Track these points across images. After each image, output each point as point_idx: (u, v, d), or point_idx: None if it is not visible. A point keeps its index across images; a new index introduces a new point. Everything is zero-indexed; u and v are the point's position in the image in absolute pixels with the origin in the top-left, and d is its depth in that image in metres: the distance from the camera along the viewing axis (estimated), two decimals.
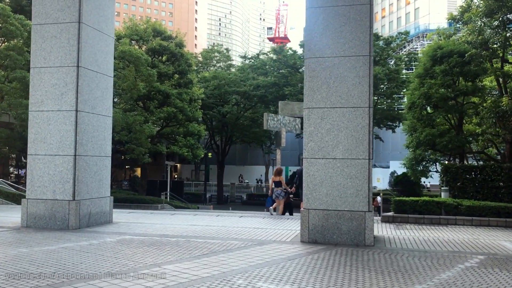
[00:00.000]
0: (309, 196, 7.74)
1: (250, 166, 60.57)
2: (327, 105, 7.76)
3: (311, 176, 7.74)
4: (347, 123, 7.66)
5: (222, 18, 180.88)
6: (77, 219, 8.79)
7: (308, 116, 7.83)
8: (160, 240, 7.59)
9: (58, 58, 9.00)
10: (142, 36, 26.28)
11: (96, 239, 7.56)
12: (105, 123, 9.77)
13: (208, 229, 9.07)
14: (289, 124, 18.31)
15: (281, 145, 15.74)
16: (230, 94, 37.05)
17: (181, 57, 26.84)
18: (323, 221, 7.63)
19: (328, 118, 7.74)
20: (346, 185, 7.58)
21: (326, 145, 7.72)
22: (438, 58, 15.32)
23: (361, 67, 7.67)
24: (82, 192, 8.92)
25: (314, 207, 7.69)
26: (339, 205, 7.59)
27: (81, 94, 8.93)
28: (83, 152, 8.96)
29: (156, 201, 24.79)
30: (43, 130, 8.99)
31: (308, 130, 7.81)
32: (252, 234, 8.49)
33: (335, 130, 7.70)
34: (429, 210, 11.09)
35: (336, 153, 7.67)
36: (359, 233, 7.48)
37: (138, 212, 12.93)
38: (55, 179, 8.85)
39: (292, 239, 7.90)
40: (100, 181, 9.57)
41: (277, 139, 17.34)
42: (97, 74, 9.46)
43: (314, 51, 7.87)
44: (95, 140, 9.38)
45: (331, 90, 7.76)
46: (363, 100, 7.63)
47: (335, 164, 7.65)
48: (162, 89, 24.94)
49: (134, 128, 22.86)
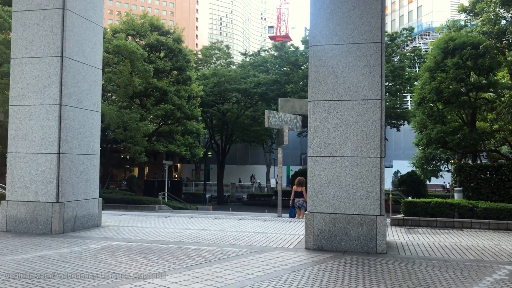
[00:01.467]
0: (314, 199, 7.05)
1: (251, 165, 59.93)
2: (334, 97, 7.07)
3: (317, 176, 7.05)
4: (357, 117, 6.97)
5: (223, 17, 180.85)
6: (61, 223, 8.12)
7: (313, 109, 7.14)
8: (150, 247, 6.91)
9: (40, 48, 8.32)
10: (139, 31, 25.54)
11: (79, 246, 6.89)
12: (93, 118, 9.09)
13: (203, 233, 8.39)
14: (290, 122, 17.67)
15: (283, 143, 15.07)
16: (230, 91, 36.29)
17: (179, 53, 26.10)
18: (330, 226, 6.94)
19: (335, 111, 7.05)
20: (355, 186, 6.90)
21: (333, 141, 7.03)
22: (450, 51, 14.55)
23: (372, 55, 6.98)
24: (66, 193, 8.25)
25: (320, 210, 7.00)
26: (347, 208, 6.91)
27: (65, 87, 8.25)
28: (68, 150, 8.29)
29: (153, 202, 24.12)
30: (24, 126, 8.33)
31: (313, 125, 7.12)
32: (252, 239, 7.81)
33: (343, 125, 7.01)
34: (442, 212, 10.41)
35: (344, 150, 6.98)
36: (370, 239, 6.80)
37: (131, 214, 12.26)
38: (37, 179, 8.18)
39: (295, 246, 7.22)
40: (88, 182, 8.89)
41: (279, 137, 16.68)
42: (83, 65, 8.78)
43: (320, 38, 7.18)
44: (82, 137, 8.71)
45: (339, 81, 7.07)
46: (374, 92, 6.94)
47: (343, 163, 6.96)
48: (159, 86, 24.21)
49: (129, 126, 22.15)
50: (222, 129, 40.94)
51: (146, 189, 29.22)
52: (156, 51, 26.39)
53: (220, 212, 23.88)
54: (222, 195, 42.98)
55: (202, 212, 23.13)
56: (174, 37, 26.68)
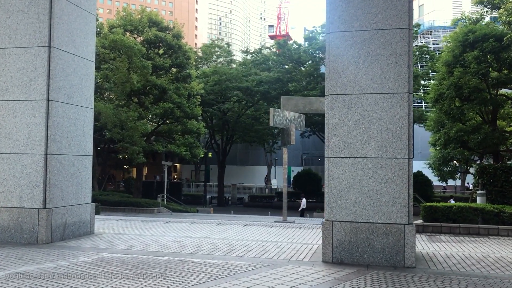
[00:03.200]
0: (332, 205, 6.28)
1: (251, 166, 59.18)
2: (355, 90, 6.30)
3: (335, 179, 6.28)
4: (381, 113, 6.21)
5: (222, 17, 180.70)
6: (49, 231, 7.35)
7: (331, 104, 6.37)
8: (147, 260, 6.13)
9: (25, 37, 7.56)
10: (136, 27, 24.71)
11: (66, 259, 6.11)
12: (85, 116, 8.32)
13: (207, 243, 7.62)
14: (294, 121, 16.91)
15: (291, 143, 14.31)
16: (231, 90, 35.47)
17: (178, 49, 25.27)
18: (350, 236, 6.18)
19: (356, 106, 6.28)
20: (379, 191, 6.13)
21: (354, 140, 6.26)
22: (469, 44, 13.74)
23: (398, 43, 6.21)
24: (55, 198, 7.48)
25: (339, 218, 6.24)
26: (371, 216, 6.14)
27: (54, 81, 7.49)
28: (57, 150, 7.52)
29: (151, 204, 23.33)
30: (7, 124, 7.56)
31: (331, 122, 6.35)
32: (261, 250, 7.04)
33: (365, 122, 6.24)
34: (464, 218, 9.65)
35: (367, 150, 6.21)
36: (397, 251, 6.03)
37: (127, 220, 11.49)
38: (22, 183, 7.41)
39: (311, 258, 6.45)
40: (79, 185, 8.12)
41: (284, 137, 15.90)
42: (74, 57, 8.01)
43: (338, 23, 6.41)
44: (72, 136, 7.94)
45: (361, 72, 6.30)
46: (401, 84, 6.18)
47: (366, 165, 6.20)
48: (158, 83, 23.38)
49: (127, 125, 21.35)
50: (222, 129, 40.13)
51: (145, 191, 28.43)
52: (155, 47, 25.59)
53: (222, 215, 23.13)
54: (222, 196, 42.19)
55: (203, 216, 22.38)
56: (173, 33, 25.88)
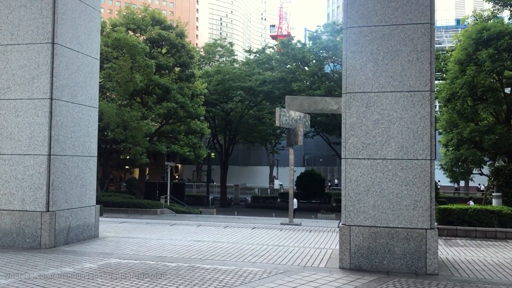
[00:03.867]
0: (350, 209, 6.00)
1: (253, 167, 58.86)
2: (374, 88, 6.03)
3: (353, 182, 6.00)
4: (401, 112, 5.93)
5: (223, 17, 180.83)
6: (52, 235, 7.08)
7: (348, 103, 6.09)
8: (155, 266, 5.86)
9: (28, 33, 7.30)
10: (139, 25, 24.42)
11: (71, 265, 5.84)
12: (89, 115, 8.06)
13: (216, 247, 7.34)
14: (299, 121, 16.65)
15: (298, 143, 14.04)
16: (234, 89, 35.20)
17: (182, 48, 25.00)
18: (369, 242, 5.90)
19: (375, 105, 6.01)
20: (400, 194, 5.85)
21: (373, 141, 5.99)
22: (483, 41, 13.43)
23: (420, 39, 5.94)
24: (59, 201, 7.22)
25: (357, 223, 5.96)
26: (391, 221, 5.86)
27: (57, 79, 7.23)
28: (60, 151, 7.26)
29: (154, 206, 23.06)
30: (9, 124, 7.30)
31: (349, 121, 6.08)
32: (273, 255, 6.76)
33: (385, 122, 5.97)
34: (481, 221, 9.38)
35: (386, 151, 5.93)
36: (419, 257, 5.75)
37: (132, 222, 11.23)
38: (24, 185, 7.15)
39: (327, 264, 6.17)
40: (83, 187, 7.86)
41: (291, 137, 15.64)
42: (78, 54, 7.75)
43: (356, 18, 6.13)
44: (76, 136, 7.68)
45: (380, 69, 6.02)
46: (423, 82, 5.90)
47: (386, 166, 5.92)
48: (161, 83, 23.11)
49: (130, 125, 21.08)
50: (225, 129, 39.86)
51: (147, 192, 28.17)
52: (158, 46, 25.31)
53: (226, 216, 22.87)
54: (225, 197, 41.92)
55: (207, 217, 22.12)
56: (176, 31, 25.60)
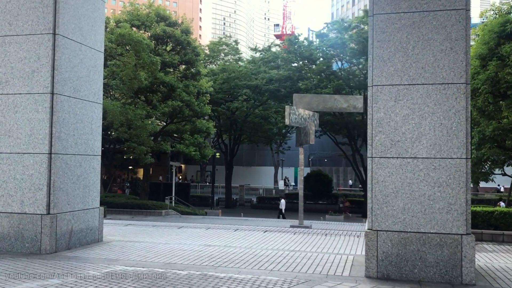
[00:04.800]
0: (377, 212, 5.52)
1: (258, 167, 58.39)
2: (403, 80, 5.55)
3: (381, 183, 5.53)
4: (434, 106, 5.45)
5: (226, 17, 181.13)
6: (53, 239, 6.64)
7: (375, 97, 5.61)
8: (165, 274, 5.40)
9: (28, 23, 6.86)
10: (144, 22, 24.00)
11: (73, 274, 5.40)
12: (93, 111, 7.62)
13: (228, 252, 6.88)
14: (308, 119, 16.18)
15: (309, 142, 13.56)
16: (240, 88, 34.72)
17: (187, 46, 24.56)
18: (399, 248, 5.42)
19: (405, 99, 5.53)
20: (432, 196, 5.37)
21: (402, 138, 5.51)
22: (507, 35, 12.89)
23: (454, 26, 5.46)
24: (60, 203, 6.78)
25: (385, 227, 5.48)
26: (422, 225, 5.38)
27: (59, 72, 6.79)
28: (62, 150, 6.82)
29: (159, 206, 22.63)
30: (7, 120, 6.87)
31: (376, 117, 5.60)
32: (291, 262, 6.28)
33: (415, 117, 5.49)
34: (508, 224, 8.89)
35: (417, 150, 5.46)
36: (453, 266, 5.26)
37: (137, 225, 10.79)
38: (23, 186, 6.71)
39: (351, 273, 5.69)
40: (86, 188, 7.42)
41: (301, 136, 15.16)
42: (81, 46, 7.31)
43: (384, 4, 5.66)
44: (79, 133, 7.24)
45: (410, 60, 5.54)
46: (457, 74, 5.42)
47: (416, 166, 5.44)
48: (166, 81, 22.67)
49: (134, 124, 20.65)
50: (230, 129, 39.40)
51: (152, 192, 27.73)
52: (163, 43, 24.86)
53: (233, 218, 22.41)
54: (230, 198, 41.49)
55: (213, 218, 21.67)
56: (182, 28, 25.15)
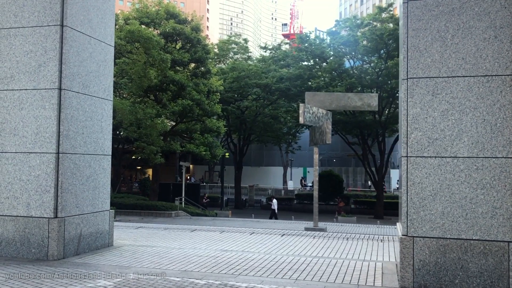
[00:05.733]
0: (413, 217, 5.07)
1: (266, 167, 58.04)
2: (442, 73, 5.09)
3: (417, 185, 5.07)
4: (476, 100, 4.98)
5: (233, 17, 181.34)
6: (61, 244, 6.26)
7: (410, 90, 5.16)
8: (182, 284, 5.00)
9: (34, 15, 6.49)
10: (153, 19, 23.68)
11: (83, 283, 5.01)
12: (103, 108, 7.24)
13: (247, 258, 6.45)
14: (322, 118, 15.73)
15: (326, 142, 13.10)
16: (250, 87, 34.33)
17: (197, 43, 24.18)
18: (437, 256, 4.96)
19: (444, 93, 5.07)
20: (474, 199, 4.91)
21: (441, 136, 5.05)
22: None
23: (498, 13, 4.99)
24: (68, 205, 6.40)
25: (422, 233, 5.02)
26: (463, 231, 4.92)
27: (67, 66, 6.41)
28: (70, 149, 6.44)
29: (169, 208, 22.30)
30: (13, 117, 6.50)
31: (411, 112, 5.15)
32: (316, 269, 5.84)
33: (455, 112, 5.03)
34: None
35: (457, 148, 5.00)
36: (499, 276, 4.80)
37: (148, 227, 10.41)
38: (29, 188, 6.34)
39: (384, 282, 5.25)
40: (96, 190, 7.04)
41: (316, 135, 14.71)
42: (90, 39, 6.93)
43: None
44: (88, 132, 6.86)
45: (449, 50, 5.08)
46: (502, 65, 4.96)
47: (457, 166, 4.98)
48: (176, 79, 22.31)
49: (144, 124, 20.30)
50: (240, 128, 39.03)
51: (161, 193, 27.42)
52: (173, 41, 24.51)
53: (244, 219, 22.01)
54: (240, 198, 41.12)
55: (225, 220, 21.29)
56: (192, 25, 24.80)
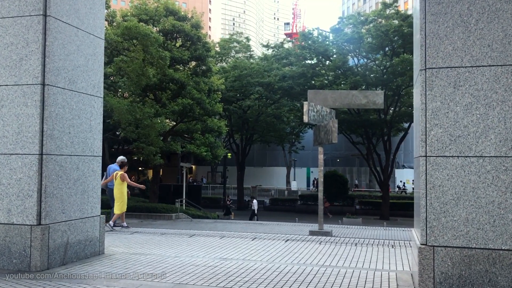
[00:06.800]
0: (433, 224, 4.55)
1: (269, 167, 57.74)
2: (465, 62, 4.57)
3: (438, 188, 4.55)
4: (504, 93, 4.47)
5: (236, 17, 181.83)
6: (45, 254, 5.77)
7: (429, 82, 4.64)
8: None
9: (14, 4, 6.01)
10: (152, 16, 23.18)
11: None
12: (92, 106, 6.74)
13: (248, 269, 5.94)
14: (326, 116, 15.21)
15: (332, 141, 12.54)
16: (252, 86, 33.84)
17: (198, 41, 23.68)
18: (461, 269, 4.44)
19: (467, 85, 4.55)
20: (503, 204, 4.39)
21: (464, 132, 4.53)
22: None
23: None
24: (53, 211, 5.91)
25: (443, 242, 4.50)
26: (491, 240, 4.40)
27: (51, 60, 5.92)
28: (55, 150, 5.95)
29: (169, 210, 21.75)
30: None
31: (431, 107, 4.62)
32: (324, 281, 5.34)
33: (480, 107, 4.51)
34: None
35: (483, 146, 4.48)
36: None
37: (144, 232, 9.91)
38: (10, 192, 5.85)
39: None
40: (85, 194, 6.54)
41: (322, 135, 14.17)
42: (78, 31, 6.43)
43: None
44: (75, 131, 6.36)
45: (472, 36, 4.56)
46: None
47: (482, 167, 4.46)
48: (176, 77, 21.80)
49: (142, 123, 19.78)
50: (242, 128, 38.56)
51: (161, 195, 26.91)
52: (172, 38, 24.01)
53: (247, 222, 21.48)
54: (242, 199, 40.68)
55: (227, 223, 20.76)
56: (192, 22, 24.28)
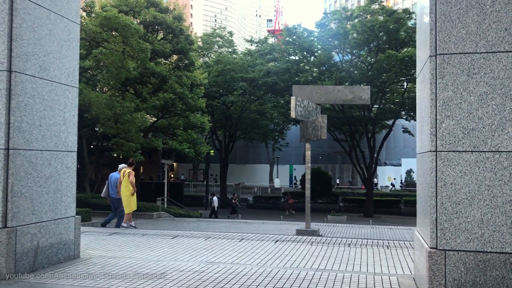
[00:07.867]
0: (444, 225, 4.15)
1: (252, 165, 57.61)
2: (480, 47, 4.18)
3: (449, 186, 4.16)
4: None
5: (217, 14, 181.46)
6: (11, 260, 5.21)
7: (440, 69, 4.24)
8: None
9: None
10: (133, 7, 22.46)
11: None
12: (66, 96, 6.18)
13: (237, 274, 5.48)
14: (312, 112, 14.85)
15: (321, 137, 12.15)
16: (236, 81, 33.32)
17: (180, 34, 23.04)
18: (475, 275, 4.06)
19: (482, 72, 4.16)
20: None
21: (479, 125, 4.14)
22: None
23: None
24: (21, 212, 5.36)
25: (456, 246, 4.11)
26: (508, 243, 4.03)
27: (18, 44, 5.35)
28: (24, 144, 5.39)
29: (150, 208, 21.16)
30: None
31: (442, 97, 4.23)
32: (320, 287, 4.90)
33: (497, 96, 4.13)
34: None
35: (500, 140, 4.10)
36: None
37: (124, 233, 9.37)
38: None
39: None
40: (58, 192, 5.99)
41: (310, 130, 13.79)
42: (50, 13, 5.86)
43: None
44: (47, 124, 5.80)
45: (488, 19, 4.17)
46: None
47: (499, 163, 4.08)
48: (157, 71, 21.15)
49: (122, 118, 19.10)
50: (225, 125, 38.03)
51: (142, 193, 26.25)
52: (154, 31, 23.33)
53: (231, 220, 21.01)
54: (225, 197, 40.15)
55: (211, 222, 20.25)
56: (174, 14, 23.64)
